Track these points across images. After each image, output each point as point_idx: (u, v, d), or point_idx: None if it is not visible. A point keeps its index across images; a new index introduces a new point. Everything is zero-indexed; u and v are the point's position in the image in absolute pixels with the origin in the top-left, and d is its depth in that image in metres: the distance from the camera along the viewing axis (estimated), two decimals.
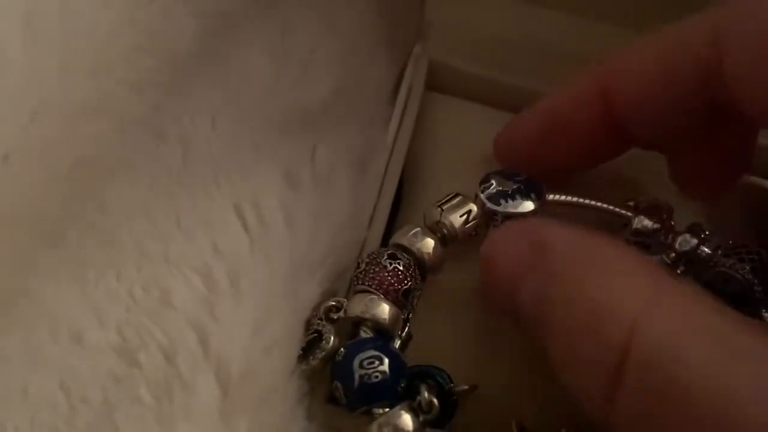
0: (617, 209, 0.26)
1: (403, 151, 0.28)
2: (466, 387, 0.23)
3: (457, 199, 0.25)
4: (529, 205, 0.25)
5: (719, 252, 0.24)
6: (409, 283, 0.23)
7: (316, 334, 0.22)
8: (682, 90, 0.22)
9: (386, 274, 0.23)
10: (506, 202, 0.24)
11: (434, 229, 0.25)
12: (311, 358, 0.22)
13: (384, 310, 0.22)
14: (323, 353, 0.22)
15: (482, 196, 0.25)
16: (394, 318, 0.22)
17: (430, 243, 0.24)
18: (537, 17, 0.31)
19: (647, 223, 0.25)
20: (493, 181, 0.25)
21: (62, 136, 0.22)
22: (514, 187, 0.25)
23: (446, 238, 0.25)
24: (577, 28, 0.30)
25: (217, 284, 0.22)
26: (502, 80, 0.30)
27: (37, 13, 0.21)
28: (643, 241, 0.25)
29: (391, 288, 0.23)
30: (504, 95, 0.30)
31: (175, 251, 0.23)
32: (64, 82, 0.22)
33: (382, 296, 0.23)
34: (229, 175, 0.24)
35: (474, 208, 0.25)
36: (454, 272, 0.25)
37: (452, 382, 0.23)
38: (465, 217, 0.24)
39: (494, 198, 0.25)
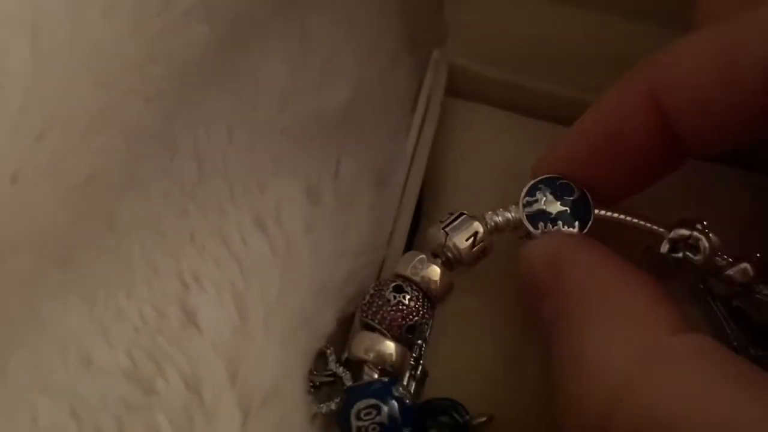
0: (652, 226, 0.23)
1: (423, 163, 0.27)
2: (483, 419, 0.22)
3: (461, 218, 0.23)
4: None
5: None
6: (415, 318, 0.22)
7: (332, 379, 0.22)
8: (743, 89, 0.19)
9: (390, 308, 0.22)
10: (544, 227, 0.22)
11: (438, 253, 0.23)
12: (328, 403, 0.21)
13: (389, 347, 0.21)
14: (339, 403, 0.21)
15: (522, 211, 0.22)
16: (401, 355, 0.22)
17: (436, 271, 0.22)
18: (563, 16, 0.29)
19: (684, 232, 0.22)
20: (538, 197, 0.22)
21: (71, 153, 0.21)
22: (560, 209, 0.22)
23: (452, 262, 0.23)
24: (606, 28, 0.29)
25: (246, 308, 0.21)
26: (526, 84, 0.29)
27: (43, 25, 0.20)
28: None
29: (394, 324, 0.22)
30: (529, 100, 0.29)
31: (190, 269, 0.22)
32: (71, 95, 0.21)
33: (386, 332, 0.22)
34: (247, 189, 0.23)
35: (480, 229, 0.23)
36: (461, 295, 0.24)
37: (468, 414, 0.22)
38: (471, 239, 0.22)
39: (534, 218, 0.22)
